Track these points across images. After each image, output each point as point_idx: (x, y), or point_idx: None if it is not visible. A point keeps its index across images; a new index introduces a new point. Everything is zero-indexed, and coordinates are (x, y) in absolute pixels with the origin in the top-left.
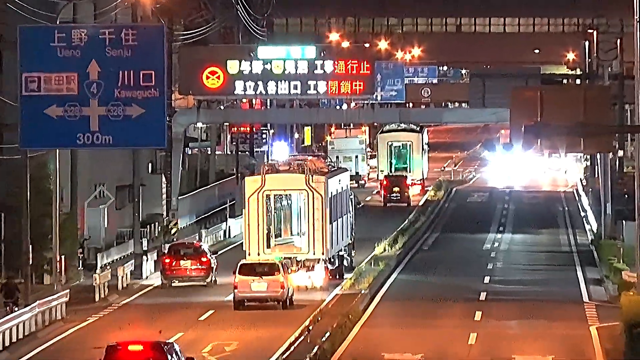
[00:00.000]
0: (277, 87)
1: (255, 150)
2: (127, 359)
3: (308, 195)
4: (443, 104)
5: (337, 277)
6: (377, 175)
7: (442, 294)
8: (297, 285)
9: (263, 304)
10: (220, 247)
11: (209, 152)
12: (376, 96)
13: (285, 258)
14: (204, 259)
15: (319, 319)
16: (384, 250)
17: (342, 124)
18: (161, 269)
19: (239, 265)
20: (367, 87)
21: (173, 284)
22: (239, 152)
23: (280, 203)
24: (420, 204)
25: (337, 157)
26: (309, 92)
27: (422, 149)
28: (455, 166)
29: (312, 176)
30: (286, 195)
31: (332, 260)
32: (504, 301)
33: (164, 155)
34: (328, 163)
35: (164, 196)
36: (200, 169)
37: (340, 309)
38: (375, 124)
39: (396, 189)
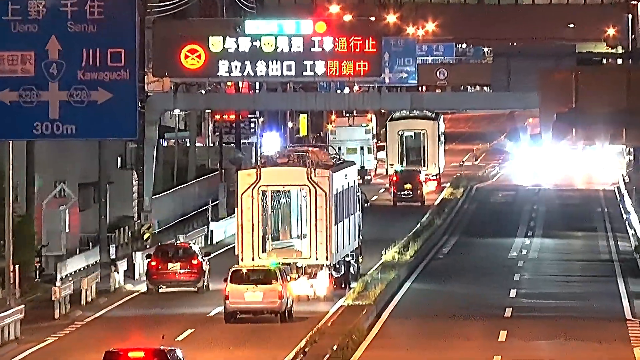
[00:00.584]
0: (267, 68)
1: (242, 141)
2: None
3: (310, 192)
4: (462, 88)
5: (343, 286)
6: (386, 169)
7: (461, 309)
8: (297, 295)
9: (258, 317)
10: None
11: (188, 144)
12: (384, 78)
13: (283, 264)
14: (194, 262)
15: (317, 339)
16: (394, 257)
17: (344, 111)
18: (146, 272)
19: (230, 271)
20: (373, 67)
21: (160, 290)
22: (223, 144)
23: (278, 201)
24: (436, 203)
25: (340, 149)
26: (304, 73)
27: (439, 139)
28: (476, 160)
29: (314, 170)
30: (285, 191)
31: (337, 266)
32: (532, 318)
33: (135, 147)
34: (332, 155)
35: (135, 196)
36: (178, 163)
37: (342, 326)
38: (383, 110)
39: (408, 185)
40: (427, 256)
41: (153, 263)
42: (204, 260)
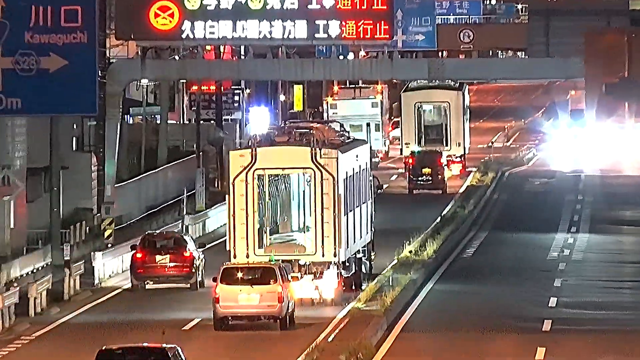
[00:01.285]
0: (255, 29)
1: (224, 118)
2: None
3: (315, 176)
4: (490, 53)
5: (353, 287)
6: (401, 150)
7: (490, 321)
8: (299, 299)
9: (254, 323)
10: None
11: (159, 122)
12: (396, 42)
13: (283, 261)
14: (186, 254)
15: (315, 358)
16: (410, 256)
17: (348, 81)
18: (130, 266)
19: (221, 270)
20: (383, 28)
21: (147, 286)
22: (201, 122)
23: (277, 187)
24: (461, 191)
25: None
26: (300, 36)
27: (464, 113)
28: (507, 141)
29: (320, 150)
30: (284, 176)
31: (346, 264)
32: (576, 333)
33: (94, 125)
34: (340, 132)
35: (94, 184)
36: (146, 145)
37: (346, 341)
38: (395, 81)
39: (426, 170)
40: (449, 255)
41: (138, 255)
42: (197, 252)
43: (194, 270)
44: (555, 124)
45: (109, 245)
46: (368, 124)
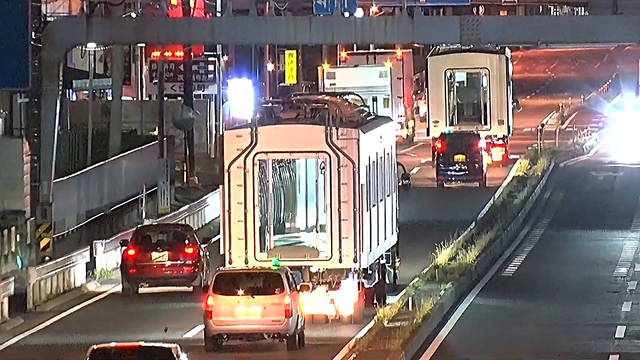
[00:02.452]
0: None
1: (194, 94)
2: None
3: (331, 162)
4: (540, 9)
5: (375, 301)
6: (427, 130)
7: (542, 354)
8: (310, 315)
9: (255, 342)
10: None
11: (110, 98)
12: None
13: (291, 268)
14: (188, 250)
15: None
16: (440, 266)
17: (355, 45)
18: (121, 266)
19: (214, 276)
20: None
21: (140, 289)
22: (165, 98)
23: (282, 175)
24: (504, 184)
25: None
26: None
27: (507, 84)
28: (562, 124)
29: (337, 129)
30: (292, 161)
31: (369, 272)
32: None
33: (26, 103)
34: (359, 108)
35: (27, 178)
36: (95, 128)
37: None
38: (417, 45)
39: (460, 157)
40: (489, 269)
41: (130, 252)
42: (201, 248)
43: (197, 270)
44: (620, 104)
45: (47, 258)
46: (375, 99)
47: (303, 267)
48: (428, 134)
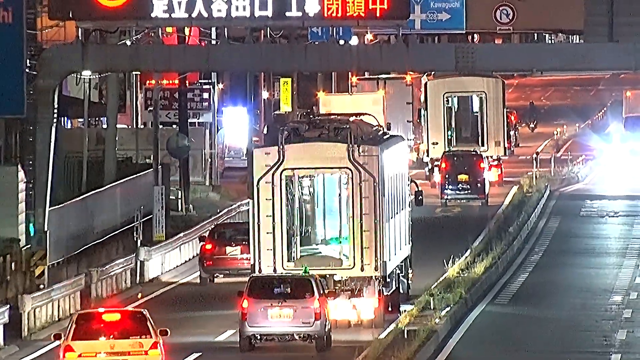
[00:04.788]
0: (229, 6)
1: (189, 121)
2: (102, 329)
3: (353, 177)
4: (535, 37)
5: (390, 308)
6: (426, 151)
7: None
8: (334, 320)
9: (287, 343)
10: (125, 297)
11: (105, 126)
12: (413, 22)
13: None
14: None
15: None
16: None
17: (351, 72)
18: (199, 259)
19: (249, 282)
20: (396, 5)
21: (216, 279)
22: (160, 126)
23: (306, 190)
24: (505, 203)
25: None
26: (287, 14)
27: (503, 106)
28: (557, 152)
29: (358, 147)
30: (315, 177)
31: (388, 280)
32: None
33: (21, 131)
34: (376, 127)
35: (22, 206)
36: (90, 156)
37: None
38: (411, 73)
39: (464, 176)
40: (483, 298)
41: (208, 247)
42: None
43: None
44: (603, 138)
45: (41, 286)
46: None
47: (327, 275)
48: (427, 155)
